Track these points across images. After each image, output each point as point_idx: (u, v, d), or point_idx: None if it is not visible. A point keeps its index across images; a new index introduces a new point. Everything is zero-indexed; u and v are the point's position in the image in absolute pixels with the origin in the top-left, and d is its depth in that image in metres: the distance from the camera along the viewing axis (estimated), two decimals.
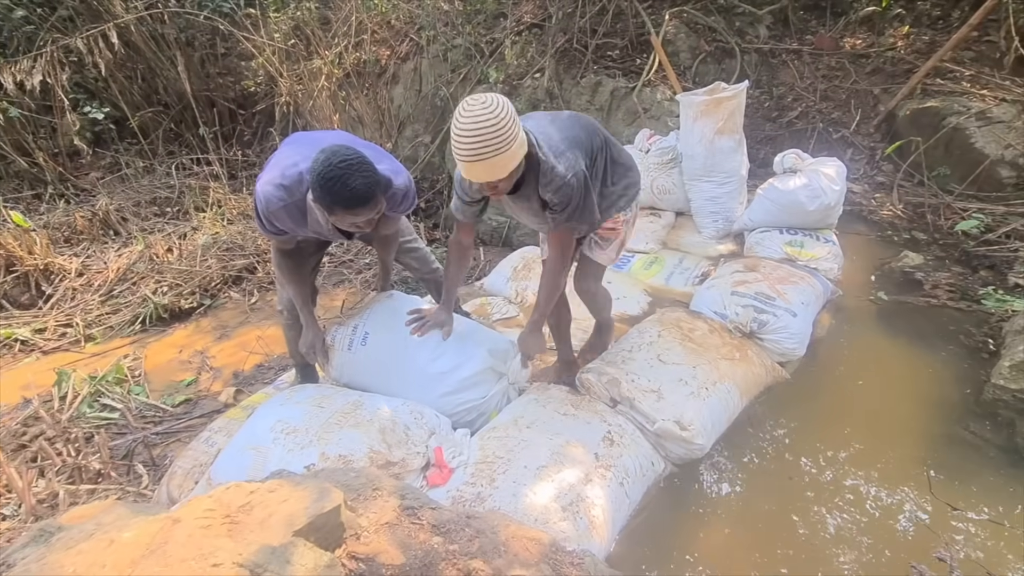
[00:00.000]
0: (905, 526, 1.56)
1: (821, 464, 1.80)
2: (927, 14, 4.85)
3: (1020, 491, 1.67)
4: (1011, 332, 2.20)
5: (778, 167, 2.91)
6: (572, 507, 1.31)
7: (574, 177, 1.43)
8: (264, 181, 1.53)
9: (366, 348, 1.74)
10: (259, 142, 5.23)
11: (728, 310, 2.16)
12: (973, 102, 3.69)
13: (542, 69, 4.37)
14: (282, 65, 4.57)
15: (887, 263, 2.95)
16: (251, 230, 4.33)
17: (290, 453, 1.41)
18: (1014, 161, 3.37)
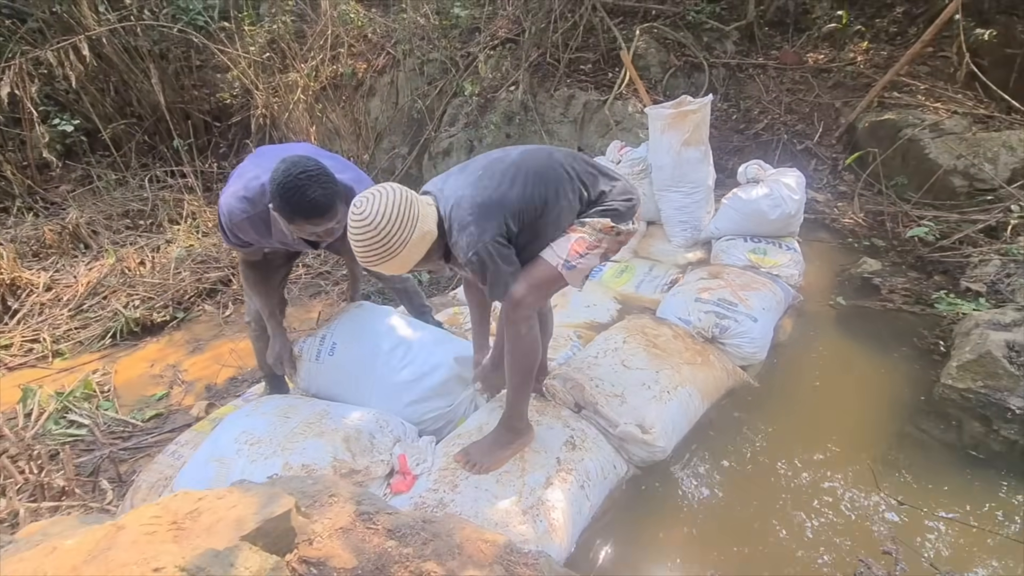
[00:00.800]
0: (855, 521, 1.62)
1: (778, 463, 1.86)
2: (885, 30, 5.07)
3: (964, 486, 1.74)
4: (960, 334, 2.30)
5: (742, 177, 3.01)
6: (532, 510, 1.34)
7: (475, 255, 1.33)
8: (227, 194, 1.55)
9: (334, 358, 1.75)
10: (235, 154, 5.21)
11: (692, 316, 2.22)
12: (927, 115, 3.86)
13: (516, 82, 4.45)
14: (258, 78, 4.58)
15: (847, 269, 3.06)
16: None
17: (253, 464, 1.42)
18: (965, 171, 3.52)
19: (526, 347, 1.43)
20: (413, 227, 1.28)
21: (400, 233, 1.26)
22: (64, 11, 4.33)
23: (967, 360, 2.09)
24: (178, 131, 4.73)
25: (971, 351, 2.11)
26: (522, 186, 1.40)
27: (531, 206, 1.41)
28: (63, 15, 4.36)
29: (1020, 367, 2.02)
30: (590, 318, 2.52)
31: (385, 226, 1.24)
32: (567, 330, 2.37)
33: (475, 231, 1.33)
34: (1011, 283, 2.66)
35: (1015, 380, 2.00)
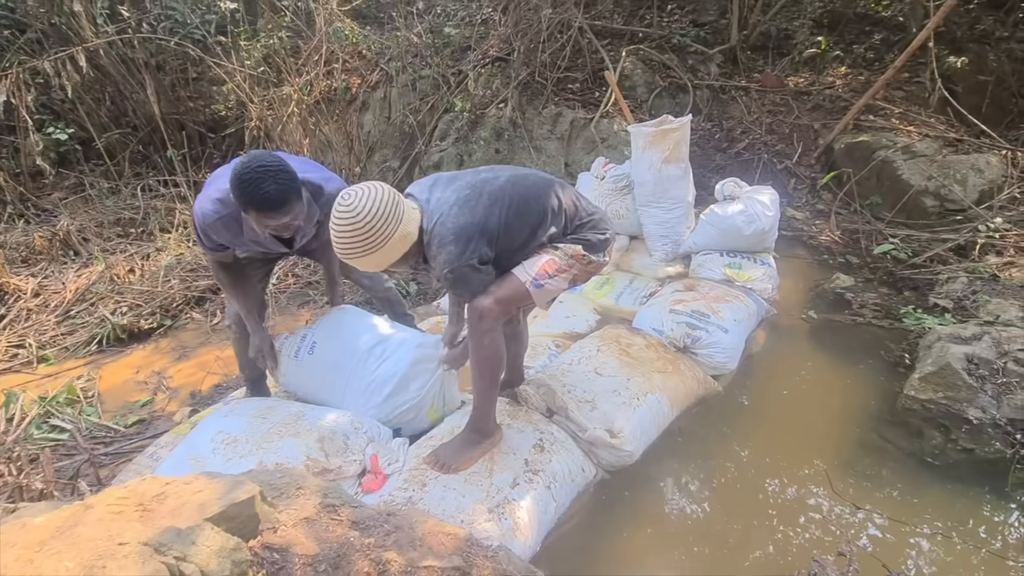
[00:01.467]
0: (813, 525, 1.67)
1: (742, 469, 1.91)
2: (863, 56, 5.25)
3: (921, 492, 1.80)
4: (923, 347, 2.37)
5: (719, 194, 3.10)
6: (498, 509, 1.38)
7: (450, 273, 1.38)
8: (201, 198, 1.60)
9: (313, 356, 1.80)
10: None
11: (665, 326, 2.29)
12: (900, 137, 4.00)
13: (505, 100, 4.57)
14: (252, 91, 4.67)
15: (821, 285, 3.15)
16: None
17: (228, 463, 1.45)
18: (936, 191, 3.64)
19: (488, 354, 1.48)
20: (396, 226, 1.32)
21: (383, 229, 1.30)
22: (63, 23, 4.42)
23: (929, 372, 2.16)
24: (172, 141, 4.79)
25: (932, 363, 2.18)
26: (506, 215, 1.44)
27: (511, 235, 1.47)
28: (62, 26, 4.45)
29: (978, 379, 2.10)
30: (569, 328, 2.58)
31: (369, 220, 1.28)
32: (546, 339, 2.43)
33: (454, 251, 1.37)
34: (976, 299, 2.75)
35: (973, 392, 2.08)
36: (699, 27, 5.37)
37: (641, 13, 5.49)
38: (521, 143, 4.53)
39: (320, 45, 4.79)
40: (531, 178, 1.57)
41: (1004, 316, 2.44)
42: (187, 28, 4.63)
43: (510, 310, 1.53)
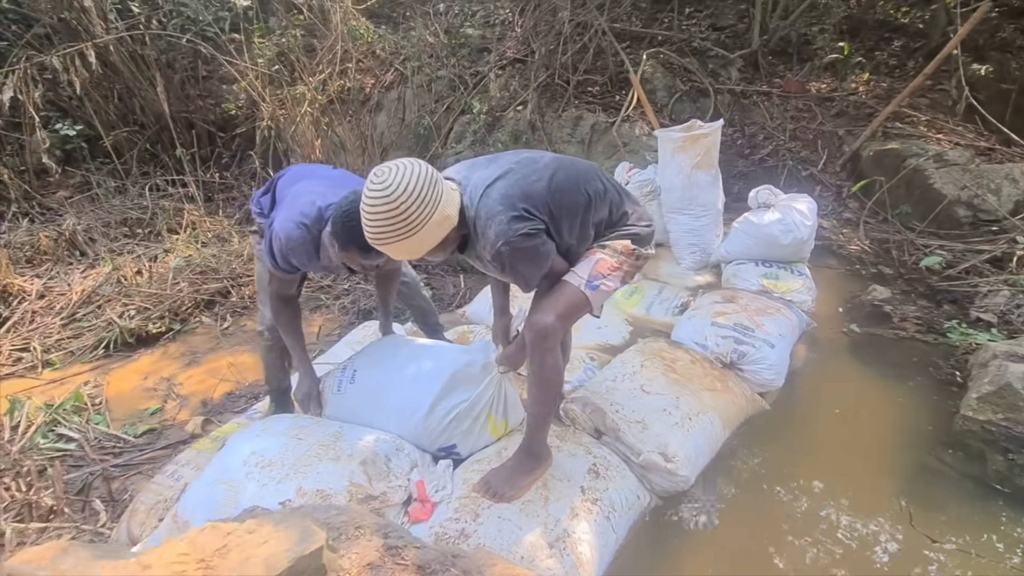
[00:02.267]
0: (882, 559, 1.56)
1: (799, 496, 1.81)
2: (885, 63, 5.18)
3: (991, 521, 1.70)
4: (976, 365, 2.28)
5: (753, 202, 3.01)
6: (558, 543, 1.28)
7: (506, 246, 1.25)
8: (284, 219, 1.55)
9: (355, 385, 1.70)
10: (237, 165, 5.18)
11: (709, 341, 2.19)
12: (930, 145, 3.92)
13: (525, 102, 4.48)
14: (264, 90, 4.57)
15: (857, 296, 3.05)
16: (226, 253, 4.24)
17: (264, 488, 1.35)
18: (969, 201, 3.56)
19: (550, 376, 1.38)
20: (435, 207, 1.18)
21: (421, 211, 1.16)
22: (72, 18, 4.31)
23: (987, 392, 2.06)
24: (181, 140, 4.68)
25: (990, 382, 2.08)
26: (553, 192, 1.34)
27: (560, 214, 1.36)
28: (71, 22, 4.34)
29: None
30: (603, 340, 2.48)
31: (406, 200, 1.14)
32: (580, 352, 2.33)
33: (505, 219, 1.24)
34: (1022, 314, 2.66)
35: None
36: (719, 31, 5.29)
37: (660, 16, 5.41)
38: (540, 146, 4.44)
39: (335, 44, 4.69)
40: (576, 162, 1.49)
41: None
42: (199, 25, 4.52)
43: (571, 323, 1.43)
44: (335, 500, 1.29)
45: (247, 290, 3.93)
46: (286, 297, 1.76)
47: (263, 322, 1.97)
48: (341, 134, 4.76)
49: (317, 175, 1.73)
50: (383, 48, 4.99)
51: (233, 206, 4.92)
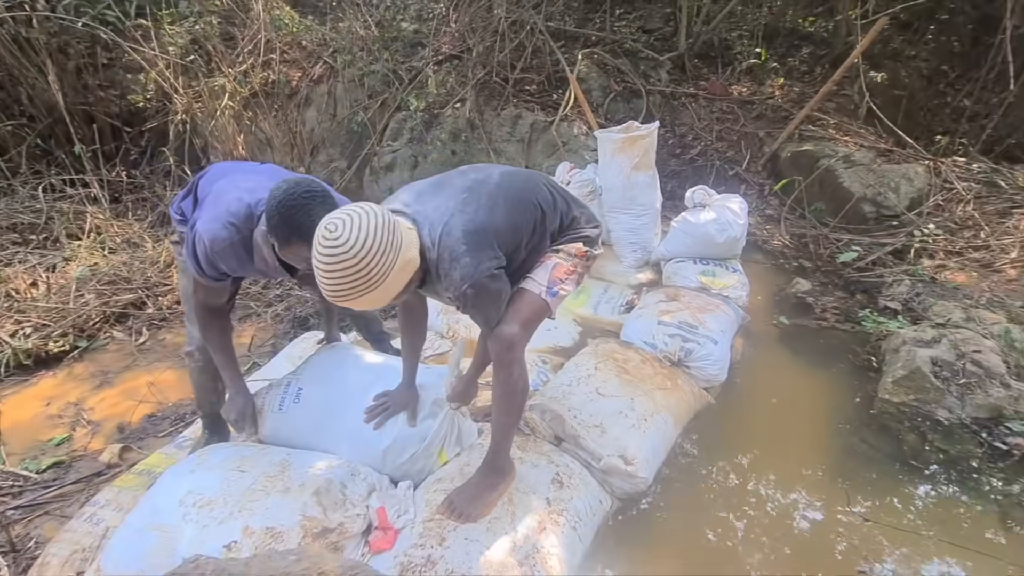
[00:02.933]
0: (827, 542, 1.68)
1: (744, 484, 1.91)
2: (796, 69, 5.57)
3: (913, 497, 1.87)
4: (889, 351, 2.51)
5: (689, 201, 3.13)
6: (528, 560, 1.26)
7: (470, 288, 1.22)
8: (208, 219, 1.39)
9: (299, 405, 1.57)
10: (148, 162, 4.72)
11: (657, 340, 2.25)
12: (839, 147, 4.26)
13: (463, 99, 4.40)
14: (178, 80, 4.19)
15: (783, 289, 3.27)
16: (138, 260, 3.86)
17: (205, 530, 1.22)
18: (873, 198, 3.90)
19: (519, 387, 1.36)
20: (396, 255, 1.12)
21: (382, 262, 1.09)
22: None
23: (900, 376, 2.28)
24: (80, 135, 4.19)
25: (902, 367, 2.30)
26: (510, 212, 1.32)
27: (518, 234, 1.34)
28: None
29: (944, 381, 2.24)
30: (553, 342, 2.49)
31: (366, 254, 1.07)
32: (532, 355, 2.32)
33: (471, 262, 1.21)
34: (921, 301, 2.95)
35: (941, 393, 2.21)
36: (648, 33, 5.46)
37: (593, 17, 5.50)
38: (479, 145, 4.38)
39: (256, 33, 4.37)
40: (522, 173, 1.47)
41: (952, 318, 2.63)
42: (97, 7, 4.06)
43: (534, 329, 1.42)
44: (287, 538, 1.20)
45: (165, 300, 3.60)
46: (215, 308, 1.59)
47: (192, 342, 1.79)
48: (267, 130, 4.46)
49: (243, 170, 1.57)
50: (310, 39, 4.72)
51: (145, 208, 4.48)
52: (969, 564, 1.61)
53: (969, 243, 3.47)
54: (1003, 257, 3.26)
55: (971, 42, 5.35)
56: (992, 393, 2.16)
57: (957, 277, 3.15)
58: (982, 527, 1.76)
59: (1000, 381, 2.19)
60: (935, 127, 5.08)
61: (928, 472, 1.97)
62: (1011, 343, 2.39)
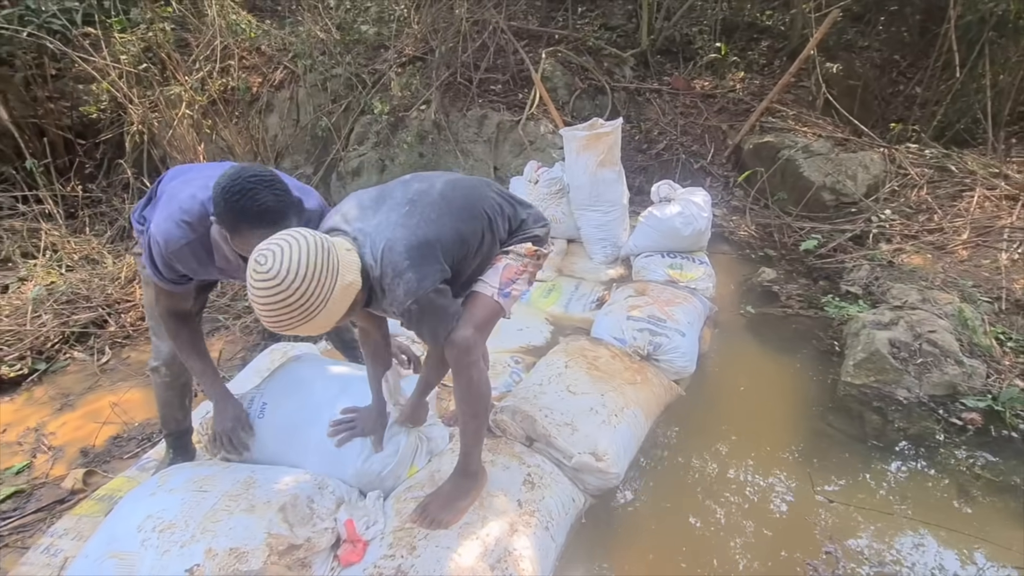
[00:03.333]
0: (795, 524, 1.72)
1: (716, 472, 1.94)
2: (756, 62, 5.69)
3: (877, 475, 1.93)
4: (850, 335, 2.58)
5: (655, 196, 3.17)
6: (500, 564, 1.26)
7: (414, 303, 1.20)
8: (161, 219, 1.34)
9: (263, 420, 1.54)
10: (105, 175, 4.57)
11: (626, 335, 2.27)
12: (799, 138, 4.36)
13: (428, 101, 4.37)
14: (132, 90, 4.06)
15: (749, 279, 3.34)
16: (98, 277, 3.74)
17: (166, 556, 1.18)
18: (832, 187, 4.01)
19: (481, 391, 1.35)
20: (334, 280, 1.08)
21: (319, 288, 1.05)
22: None
23: (861, 358, 2.35)
24: (31, 149, 4.03)
25: (863, 350, 2.37)
26: (456, 222, 1.31)
27: (465, 244, 1.33)
28: None
29: (902, 361, 2.31)
30: (525, 342, 2.49)
31: (300, 283, 1.02)
32: (504, 356, 2.32)
33: (414, 278, 1.19)
34: (880, 285, 3.04)
35: (899, 373, 2.28)
36: (611, 31, 5.50)
37: (555, 15, 5.52)
38: (447, 146, 4.36)
39: (212, 39, 4.27)
40: (466, 181, 1.46)
41: (909, 300, 2.72)
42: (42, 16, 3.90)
43: (489, 332, 1.41)
44: (252, 558, 1.17)
45: (128, 317, 3.50)
46: (181, 314, 1.52)
47: (158, 356, 1.73)
48: (228, 138, 4.36)
49: (199, 169, 1.52)
50: (269, 44, 4.63)
51: (103, 222, 4.34)
52: (932, 538, 1.67)
53: (923, 227, 3.59)
54: (955, 239, 3.38)
55: (920, 32, 5.54)
56: (947, 371, 2.25)
57: (913, 260, 3.26)
58: (943, 501, 1.83)
59: (954, 359, 2.28)
60: (889, 115, 5.25)
61: (891, 450, 2.04)
62: (964, 322, 2.48)
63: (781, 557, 1.60)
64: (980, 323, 2.52)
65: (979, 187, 3.77)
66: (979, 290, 2.87)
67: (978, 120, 4.60)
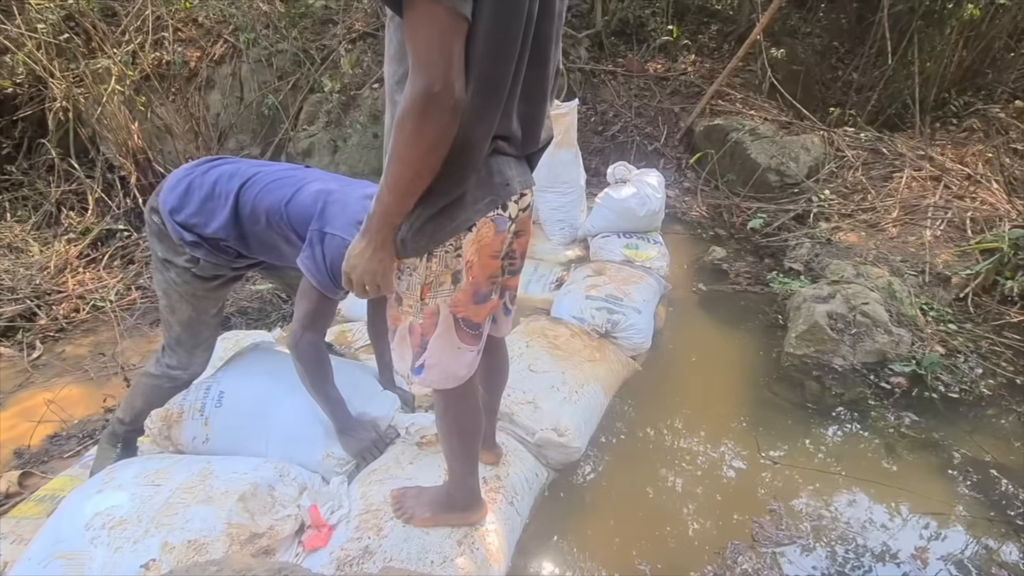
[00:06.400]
0: (745, 486, 1.84)
1: (668, 441, 2.04)
2: (706, 45, 5.81)
3: (817, 438, 2.08)
4: (792, 308, 2.73)
5: (611, 178, 3.22)
6: (467, 539, 1.28)
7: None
8: (345, 226, 1.30)
9: (222, 409, 1.48)
10: (26, 156, 4.21)
11: (585, 313, 2.32)
12: (746, 121, 4.52)
13: (381, 79, 4.24)
14: (52, 63, 3.73)
15: (700, 257, 3.46)
16: (23, 266, 3.47)
17: (118, 552, 1.14)
18: (777, 168, 4.19)
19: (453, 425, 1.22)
20: None
21: None
22: None
23: (802, 330, 2.49)
24: None
25: (803, 322, 2.52)
26: None
27: None
28: None
29: (838, 332, 2.47)
30: None
31: None
32: None
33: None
34: (820, 261, 3.23)
35: (836, 343, 2.44)
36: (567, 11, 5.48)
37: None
38: None
39: (143, 9, 3.97)
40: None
41: (844, 275, 2.90)
42: None
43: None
44: (212, 549, 1.14)
45: (61, 309, 3.27)
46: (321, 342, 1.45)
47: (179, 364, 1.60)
48: (165, 116, 4.09)
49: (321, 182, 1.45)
50: (207, 16, 4.35)
51: (26, 207, 4.01)
52: (864, 493, 1.82)
53: (858, 206, 3.81)
54: (886, 217, 3.62)
55: (856, 19, 5.81)
56: (878, 340, 2.42)
57: (849, 237, 3.46)
58: (876, 459, 1.99)
59: (884, 329, 2.46)
60: (828, 100, 5.50)
61: (828, 415, 2.19)
62: (893, 294, 2.67)
63: (731, 517, 1.70)
64: (907, 295, 2.72)
65: (907, 168, 4.03)
66: (906, 265, 3.09)
67: (907, 105, 4.90)
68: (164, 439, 1.50)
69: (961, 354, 2.47)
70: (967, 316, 2.75)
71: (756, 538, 1.61)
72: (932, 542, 1.65)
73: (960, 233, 3.35)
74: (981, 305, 2.81)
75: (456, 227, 0.92)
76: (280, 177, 1.45)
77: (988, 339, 2.58)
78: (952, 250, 3.19)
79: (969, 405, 2.21)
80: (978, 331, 2.64)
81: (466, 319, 1.02)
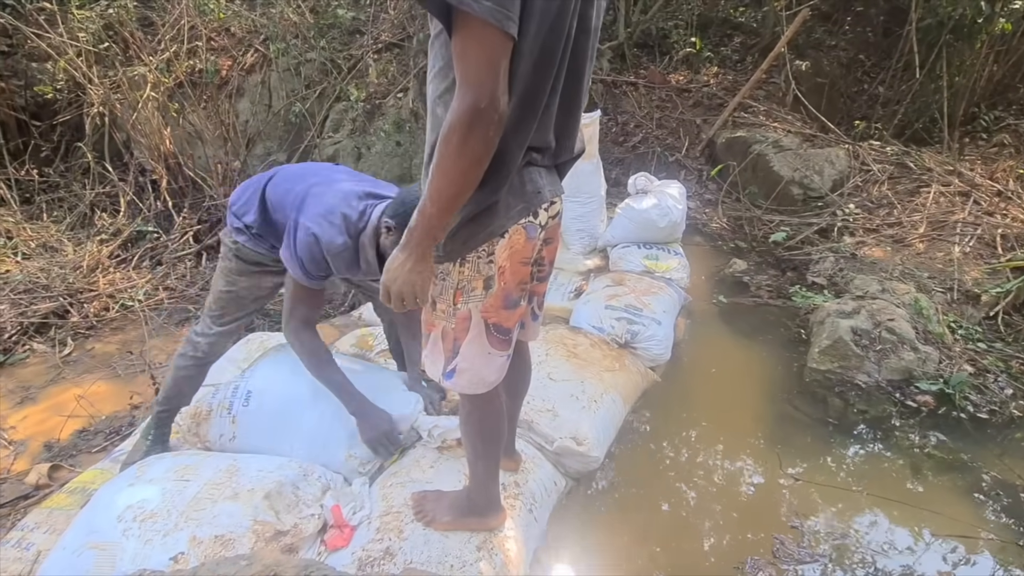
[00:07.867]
0: (765, 503, 1.81)
1: (688, 455, 2.02)
2: (729, 58, 5.81)
3: (840, 456, 2.04)
4: (815, 323, 2.70)
5: (632, 188, 3.23)
6: (486, 545, 1.29)
7: None
8: (319, 221, 1.34)
9: (249, 408, 1.52)
10: (63, 159, 4.37)
11: (604, 323, 2.33)
12: (769, 133, 4.49)
13: (406, 89, 4.32)
14: (91, 69, 3.88)
15: (721, 270, 3.44)
16: (58, 265, 3.59)
17: (148, 545, 1.17)
18: (800, 181, 4.16)
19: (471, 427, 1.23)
20: None
21: None
22: None
23: (825, 345, 2.46)
24: None
25: (827, 337, 2.48)
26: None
27: None
28: None
29: (863, 348, 2.43)
30: None
31: None
32: None
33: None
34: (844, 276, 3.18)
35: (860, 360, 2.40)
36: None
37: None
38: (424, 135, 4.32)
39: (179, 19, 4.11)
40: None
41: (869, 290, 2.85)
42: None
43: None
44: (238, 544, 1.17)
45: (92, 307, 3.37)
46: (313, 325, 1.52)
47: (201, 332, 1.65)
48: (196, 122, 4.22)
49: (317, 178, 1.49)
50: (239, 26, 4.48)
51: (62, 208, 4.16)
52: (887, 512, 1.78)
53: (884, 220, 3.76)
54: (913, 232, 3.56)
55: (883, 32, 5.75)
56: (904, 357, 2.38)
57: (874, 252, 3.41)
58: (900, 479, 1.95)
59: (910, 346, 2.41)
60: (854, 113, 5.44)
61: (851, 432, 2.15)
62: (919, 311, 2.62)
63: (750, 532, 1.68)
64: (934, 312, 2.67)
65: (935, 183, 3.96)
66: (934, 281, 3.03)
67: (935, 119, 4.82)
68: (193, 435, 1.54)
69: (991, 374, 2.41)
70: (997, 335, 2.68)
71: (777, 554, 1.58)
72: (959, 566, 1.60)
73: (990, 250, 3.27)
74: (1012, 324, 2.74)
75: (490, 233, 0.95)
76: (300, 173, 1.53)
77: (1019, 359, 2.52)
78: (982, 267, 3.12)
79: (999, 426, 2.16)
80: (1009, 350, 2.57)
81: (497, 324, 1.03)
